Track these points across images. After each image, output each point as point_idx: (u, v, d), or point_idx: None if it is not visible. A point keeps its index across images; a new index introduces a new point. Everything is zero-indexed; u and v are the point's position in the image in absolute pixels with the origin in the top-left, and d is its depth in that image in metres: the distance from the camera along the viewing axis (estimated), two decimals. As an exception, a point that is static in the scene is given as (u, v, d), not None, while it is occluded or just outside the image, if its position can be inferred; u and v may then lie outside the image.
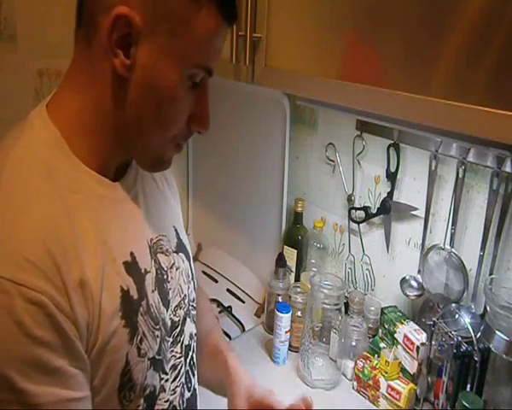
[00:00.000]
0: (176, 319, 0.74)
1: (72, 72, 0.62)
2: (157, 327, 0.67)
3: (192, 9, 0.57)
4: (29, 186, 0.56)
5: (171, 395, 0.72)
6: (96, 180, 0.62)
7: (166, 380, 0.70)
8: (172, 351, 0.73)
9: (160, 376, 0.68)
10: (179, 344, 0.74)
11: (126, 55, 0.56)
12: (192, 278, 0.81)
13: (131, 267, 0.63)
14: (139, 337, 0.63)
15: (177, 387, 0.74)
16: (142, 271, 0.66)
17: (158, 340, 0.67)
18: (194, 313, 0.81)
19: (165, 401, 0.70)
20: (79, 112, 0.61)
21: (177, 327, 0.74)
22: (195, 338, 0.82)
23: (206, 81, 0.64)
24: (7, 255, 0.51)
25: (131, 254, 0.64)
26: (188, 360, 0.78)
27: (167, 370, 0.70)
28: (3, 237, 0.52)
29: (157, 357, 0.67)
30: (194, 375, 0.80)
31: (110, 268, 0.60)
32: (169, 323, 0.72)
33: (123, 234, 0.64)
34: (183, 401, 0.76)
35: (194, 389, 0.81)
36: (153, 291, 0.67)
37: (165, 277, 0.72)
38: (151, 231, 0.71)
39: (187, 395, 0.77)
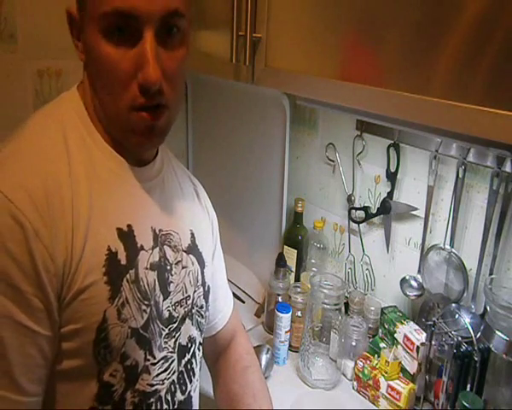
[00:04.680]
0: (175, 314, 0.75)
1: None
2: (145, 303, 0.69)
3: None
4: (45, 137, 0.65)
5: (160, 384, 0.73)
6: (106, 153, 0.68)
7: (153, 364, 0.71)
8: (166, 343, 0.74)
9: (145, 355, 0.70)
10: (173, 339, 0.75)
11: (80, 42, 0.66)
12: (202, 285, 0.81)
13: (124, 235, 0.67)
14: (121, 301, 0.65)
15: (165, 379, 0.74)
16: (138, 245, 0.69)
17: (145, 316, 0.69)
18: (199, 319, 0.81)
19: (149, 385, 0.71)
20: (91, 98, 0.69)
21: (174, 322, 0.75)
22: (198, 346, 0.82)
23: (146, 31, 0.59)
24: (10, 178, 0.59)
25: (129, 225, 0.68)
26: (183, 362, 0.78)
27: (155, 354, 0.71)
28: (13, 165, 0.61)
29: (141, 332, 0.68)
30: (190, 381, 0.80)
31: (101, 227, 0.64)
32: (166, 314, 0.73)
33: (124, 207, 0.68)
34: (173, 401, 0.76)
35: (190, 396, 0.81)
36: (146, 269, 0.69)
37: (168, 268, 0.74)
38: (161, 224, 0.74)
39: (179, 396, 0.78)
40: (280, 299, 1.31)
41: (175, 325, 0.75)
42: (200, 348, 0.84)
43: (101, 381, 0.66)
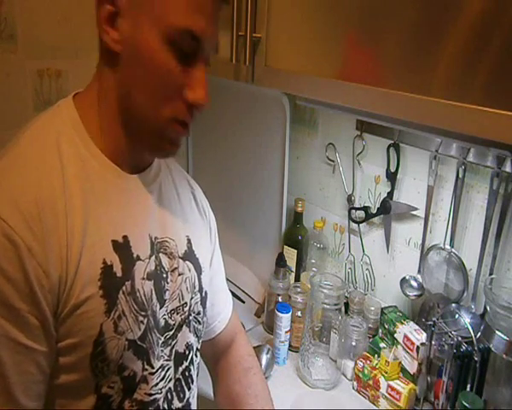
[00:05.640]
0: (171, 322, 0.75)
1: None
2: (142, 313, 0.68)
3: None
4: (39, 150, 0.63)
5: (158, 393, 0.73)
6: (101, 162, 0.67)
7: (151, 373, 0.71)
8: (162, 351, 0.73)
9: (143, 365, 0.69)
10: (169, 347, 0.75)
11: (116, 31, 0.62)
12: (199, 291, 0.81)
13: (120, 247, 0.66)
14: (117, 314, 0.65)
15: (163, 388, 0.74)
16: (134, 256, 0.68)
17: (142, 327, 0.68)
18: (196, 325, 0.81)
19: (147, 394, 0.71)
20: (94, 101, 0.67)
21: (170, 330, 0.75)
22: (196, 352, 0.82)
23: (202, 54, 0.64)
24: (2, 194, 0.58)
25: (124, 237, 0.67)
26: (180, 369, 0.78)
27: (154, 363, 0.71)
28: (5, 181, 0.60)
29: (139, 343, 0.68)
30: (189, 388, 0.80)
31: (96, 240, 0.64)
32: (162, 322, 0.73)
33: (120, 218, 0.67)
34: (170, 409, 0.76)
35: (189, 403, 0.81)
36: (143, 279, 0.69)
37: (164, 275, 0.73)
38: (157, 231, 0.73)
39: (177, 404, 0.77)
40: (280, 299, 1.31)
41: (171, 333, 0.75)
42: (198, 354, 0.83)
43: (99, 393, 0.65)
